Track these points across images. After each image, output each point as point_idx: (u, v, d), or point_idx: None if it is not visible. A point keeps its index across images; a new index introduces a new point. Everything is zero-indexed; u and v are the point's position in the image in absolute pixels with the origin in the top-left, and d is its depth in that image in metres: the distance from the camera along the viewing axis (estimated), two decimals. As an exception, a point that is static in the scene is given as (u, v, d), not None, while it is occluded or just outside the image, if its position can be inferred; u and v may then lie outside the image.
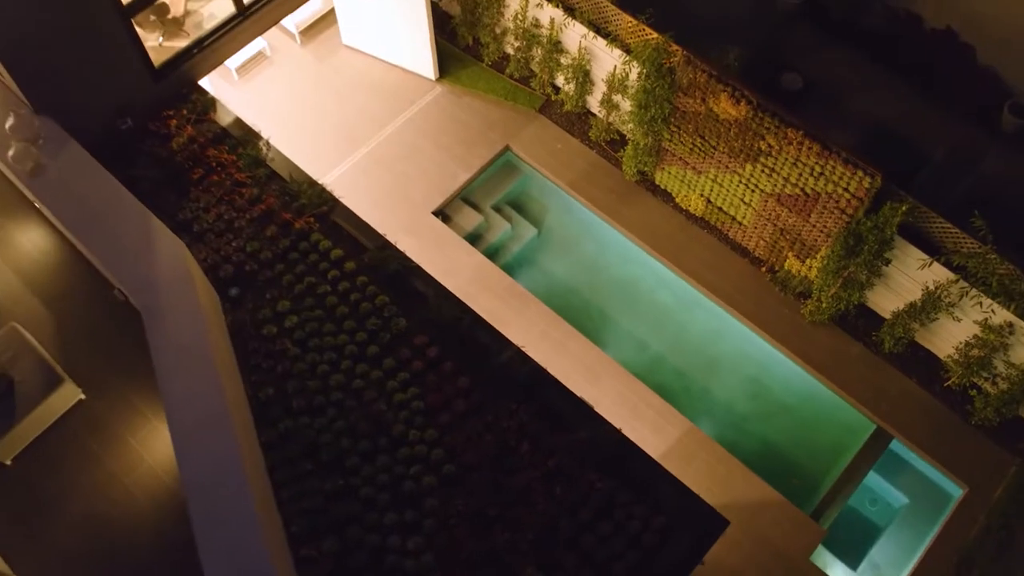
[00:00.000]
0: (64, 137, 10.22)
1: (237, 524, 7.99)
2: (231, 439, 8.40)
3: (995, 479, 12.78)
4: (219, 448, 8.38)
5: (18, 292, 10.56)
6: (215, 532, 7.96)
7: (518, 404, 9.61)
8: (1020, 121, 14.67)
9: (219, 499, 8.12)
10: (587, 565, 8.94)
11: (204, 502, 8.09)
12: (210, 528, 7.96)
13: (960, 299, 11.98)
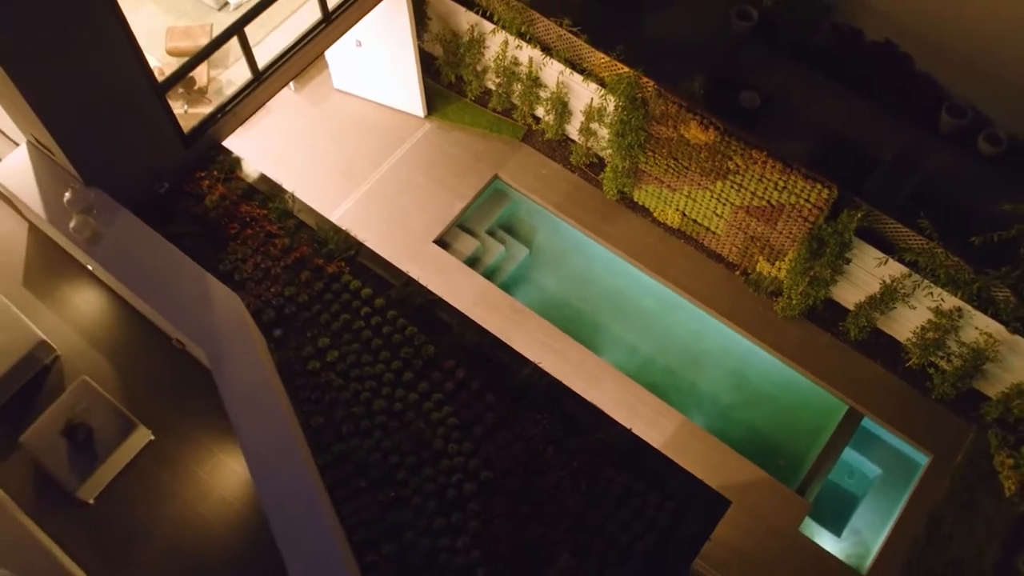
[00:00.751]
0: (114, 205, 11.49)
1: (315, 536, 9.38)
2: (300, 462, 9.79)
3: (956, 446, 14.51)
4: (291, 471, 9.76)
5: (81, 348, 11.80)
6: (297, 545, 9.34)
7: (540, 414, 11.07)
8: (957, 121, 16.42)
9: (297, 515, 9.51)
10: (612, 548, 10.43)
11: (284, 519, 9.47)
12: (293, 542, 9.33)
13: (914, 290, 13.67)
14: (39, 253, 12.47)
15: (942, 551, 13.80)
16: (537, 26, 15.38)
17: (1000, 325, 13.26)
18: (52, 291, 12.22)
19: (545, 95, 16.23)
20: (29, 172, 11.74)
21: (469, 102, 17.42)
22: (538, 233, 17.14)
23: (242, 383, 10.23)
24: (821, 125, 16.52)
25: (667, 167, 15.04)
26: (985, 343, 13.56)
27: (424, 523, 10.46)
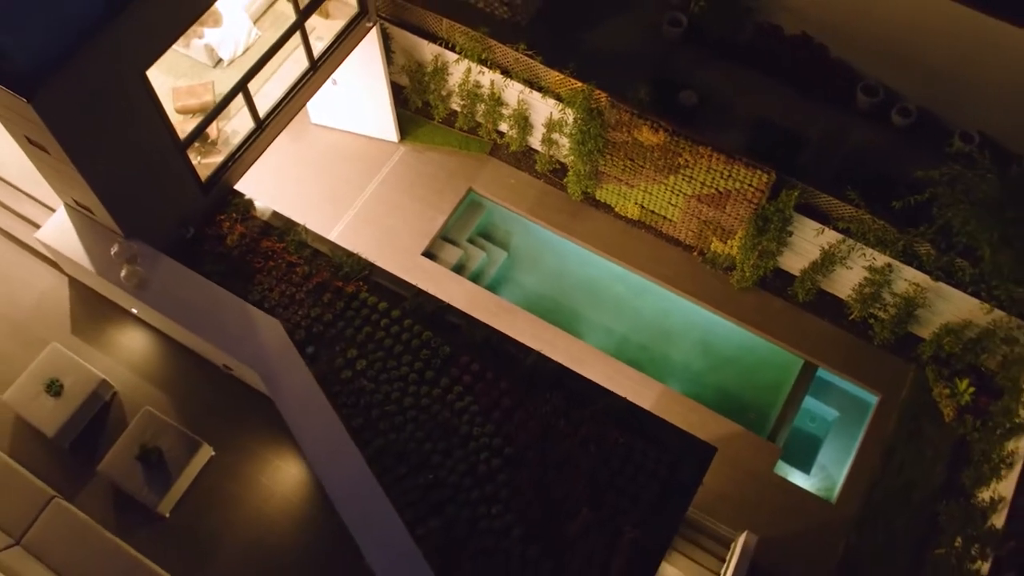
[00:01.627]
0: (154, 253, 13.10)
1: (377, 515, 11.21)
2: (354, 455, 11.58)
3: (900, 384, 16.81)
4: (348, 464, 11.57)
5: (136, 383, 13.40)
6: (364, 525, 11.14)
7: (548, 393, 12.99)
8: (871, 99, 18.70)
9: (359, 500, 11.31)
10: (623, 498, 12.40)
11: (349, 504, 11.27)
12: (360, 522, 11.14)
13: (849, 253, 15.90)
14: (82, 303, 14.04)
15: (897, 476, 16.08)
16: (495, 52, 17.27)
17: (925, 275, 15.54)
18: (99, 336, 13.79)
19: (507, 112, 18.12)
20: (71, 231, 13.27)
21: (437, 124, 19.23)
22: (513, 237, 19.05)
23: (294, 394, 11.98)
24: (753, 115, 18.61)
25: (624, 167, 17.06)
26: (914, 292, 15.86)
27: (462, 497, 12.30)
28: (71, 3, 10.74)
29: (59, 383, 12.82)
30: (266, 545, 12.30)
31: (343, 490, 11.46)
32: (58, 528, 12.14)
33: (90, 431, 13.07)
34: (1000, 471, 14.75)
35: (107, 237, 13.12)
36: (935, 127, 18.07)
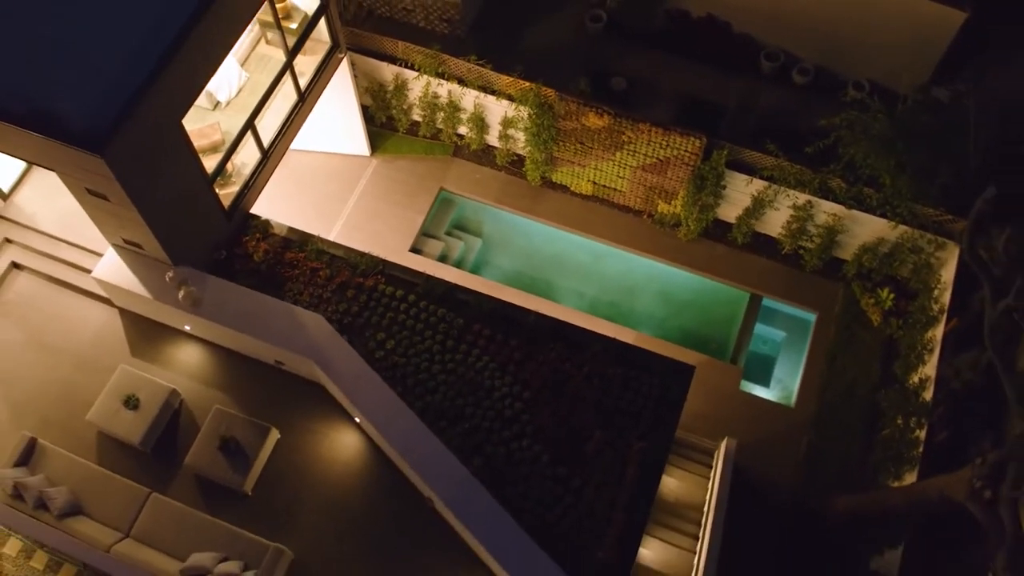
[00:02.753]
0: (200, 275, 15.34)
1: (438, 457, 13.71)
2: (409, 413, 14.06)
3: (832, 301, 19.92)
4: (405, 421, 14.04)
5: (198, 388, 15.62)
6: (429, 468, 13.64)
7: (551, 344, 15.63)
8: (773, 64, 21.76)
9: (421, 448, 13.80)
10: (626, 418, 15.10)
11: (414, 454, 13.76)
12: (426, 466, 13.63)
13: (775, 196, 18.90)
14: (135, 330, 16.19)
15: (840, 377, 19.16)
16: (450, 65, 19.81)
17: (840, 206, 18.60)
18: (157, 354, 15.96)
19: (465, 116, 20.66)
20: (123, 267, 15.42)
21: (402, 135, 21.69)
22: (485, 225, 21.65)
23: (348, 372, 14.41)
24: (675, 91, 21.48)
25: (576, 150, 19.79)
26: (833, 221, 18.95)
27: (495, 437, 14.85)
28: (112, 69, 12.92)
29: (135, 398, 14.98)
30: (337, 504, 14.69)
31: (404, 440, 13.94)
32: (159, 517, 14.33)
33: (167, 435, 15.25)
34: (924, 356, 17.95)
35: (157, 267, 15.30)
36: (831, 80, 21.22)
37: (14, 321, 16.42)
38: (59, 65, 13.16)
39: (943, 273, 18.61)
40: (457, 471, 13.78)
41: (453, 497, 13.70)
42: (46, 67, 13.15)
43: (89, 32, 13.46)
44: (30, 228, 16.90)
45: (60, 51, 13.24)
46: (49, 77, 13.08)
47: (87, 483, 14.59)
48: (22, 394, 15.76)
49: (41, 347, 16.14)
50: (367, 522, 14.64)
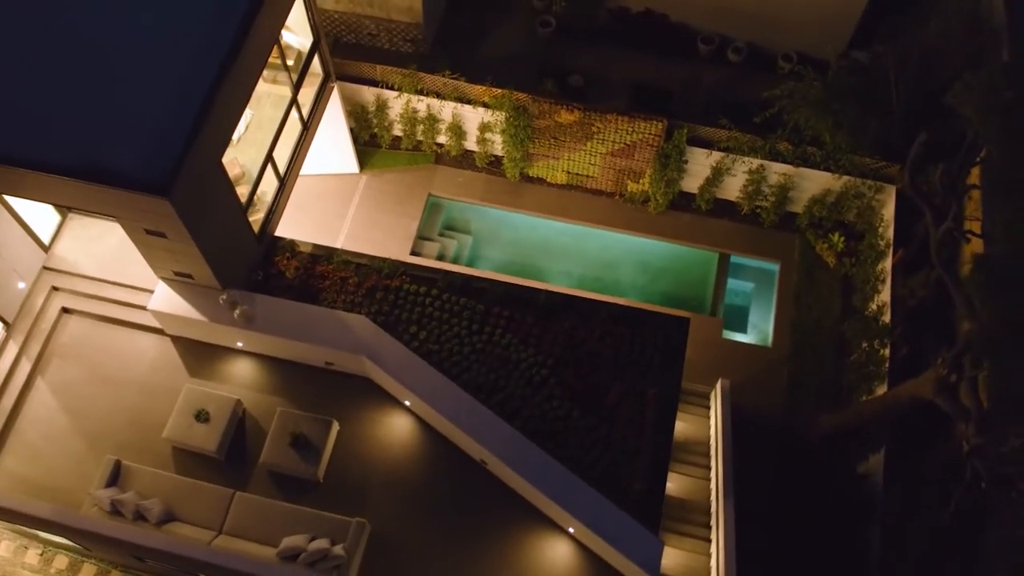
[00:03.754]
0: (248, 295, 17.21)
1: (485, 420, 15.86)
2: (458, 390, 16.19)
3: (791, 251, 22.57)
4: (454, 394, 16.16)
5: (256, 396, 17.49)
6: (482, 432, 15.78)
7: (564, 315, 17.87)
8: (709, 47, 24.37)
9: (470, 415, 15.92)
10: (638, 370, 17.42)
11: (465, 420, 15.88)
12: (476, 429, 15.77)
13: (732, 165, 21.45)
14: (189, 354, 17.96)
15: (807, 315, 21.81)
16: (426, 81, 21.91)
17: (788, 166, 21.24)
18: (213, 372, 17.78)
19: (443, 126, 22.78)
20: (175, 297, 17.20)
21: (386, 150, 23.72)
22: (473, 222, 23.82)
23: (396, 361, 16.46)
24: (627, 81, 24.01)
25: (550, 145, 22.08)
26: (784, 180, 21.58)
27: (529, 402, 17.03)
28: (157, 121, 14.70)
29: (205, 412, 16.81)
30: (399, 478, 16.73)
31: (455, 412, 16.05)
32: (247, 512, 16.18)
33: (236, 440, 17.09)
34: (877, 286, 20.69)
35: (208, 293, 17.12)
36: (762, 55, 23.93)
37: (73, 361, 18.04)
38: (112, 123, 14.91)
39: (884, 212, 21.40)
40: (505, 431, 15.96)
41: (506, 454, 15.86)
42: (101, 126, 14.88)
43: (130, 90, 15.22)
44: (74, 274, 18.49)
45: (110, 110, 14.98)
46: (106, 135, 14.80)
47: (175, 492, 16.35)
48: (94, 424, 17.41)
49: (104, 380, 17.80)
50: (428, 490, 16.70)
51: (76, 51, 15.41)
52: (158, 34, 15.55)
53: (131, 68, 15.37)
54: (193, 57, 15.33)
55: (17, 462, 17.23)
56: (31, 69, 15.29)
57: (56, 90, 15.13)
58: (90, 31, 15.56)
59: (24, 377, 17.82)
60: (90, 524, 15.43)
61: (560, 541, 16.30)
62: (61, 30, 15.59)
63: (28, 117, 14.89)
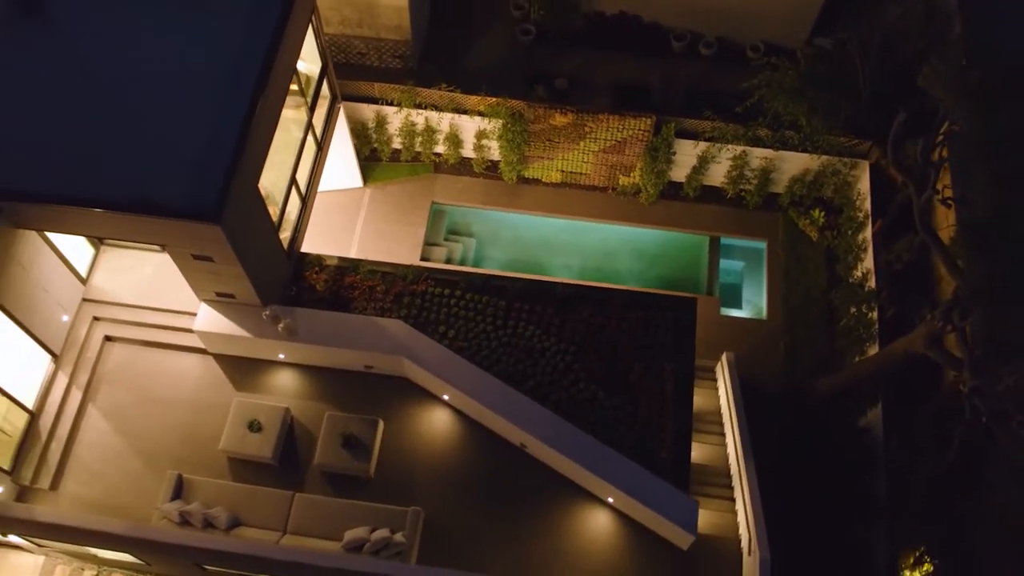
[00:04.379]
0: (288, 309, 18.43)
1: (523, 406, 17.28)
2: (494, 380, 17.59)
3: (776, 229, 24.29)
4: (491, 385, 17.55)
5: (302, 404, 18.72)
6: (518, 415, 17.19)
7: (580, 305, 19.32)
8: (682, 43, 25.99)
9: (508, 402, 17.32)
10: (655, 349, 18.94)
11: (504, 407, 17.29)
12: (516, 414, 17.18)
13: (718, 152, 23.09)
14: (233, 370, 19.15)
15: (796, 288, 23.53)
16: (423, 95, 23.24)
17: (769, 150, 22.92)
18: (258, 385, 19.00)
19: (441, 137, 24.12)
20: (219, 316, 18.37)
21: (387, 163, 25.00)
22: (475, 225, 25.21)
23: (435, 358, 17.82)
24: (608, 81, 25.51)
25: (545, 147, 23.54)
26: (766, 163, 23.27)
27: (557, 387, 18.46)
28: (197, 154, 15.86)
29: (258, 422, 18.01)
30: (445, 468, 18.09)
31: (495, 399, 17.45)
32: (308, 511, 17.42)
33: (288, 446, 18.31)
34: (860, 255, 22.47)
35: (249, 310, 18.31)
36: (732, 48, 25.61)
37: (121, 386, 19.11)
38: (158, 158, 16.04)
39: (860, 186, 23.19)
40: (542, 414, 17.40)
41: (545, 434, 17.29)
42: (148, 161, 16.01)
43: (171, 126, 16.37)
44: (113, 304, 19.54)
45: (154, 146, 16.12)
46: (153, 169, 15.93)
47: (236, 500, 17.53)
48: (149, 443, 18.51)
49: (153, 402, 18.90)
50: (473, 476, 18.07)
51: (117, 94, 16.55)
52: (190, 72, 16.73)
53: (169, 105, 16.52)
54: (225, 91, 16.53)
55: (79, 486, 18.28)
56: (80, 114, 16.41)
57: (104, 132, 16.24)
58: (127, 74, 16.71)
59: (76, 405, 18.85)
60: (166, 536, 16.56)
61: (600, 512, 17.78)
62: (102, 74, 16.73)
63: (82, 159, 16.00)
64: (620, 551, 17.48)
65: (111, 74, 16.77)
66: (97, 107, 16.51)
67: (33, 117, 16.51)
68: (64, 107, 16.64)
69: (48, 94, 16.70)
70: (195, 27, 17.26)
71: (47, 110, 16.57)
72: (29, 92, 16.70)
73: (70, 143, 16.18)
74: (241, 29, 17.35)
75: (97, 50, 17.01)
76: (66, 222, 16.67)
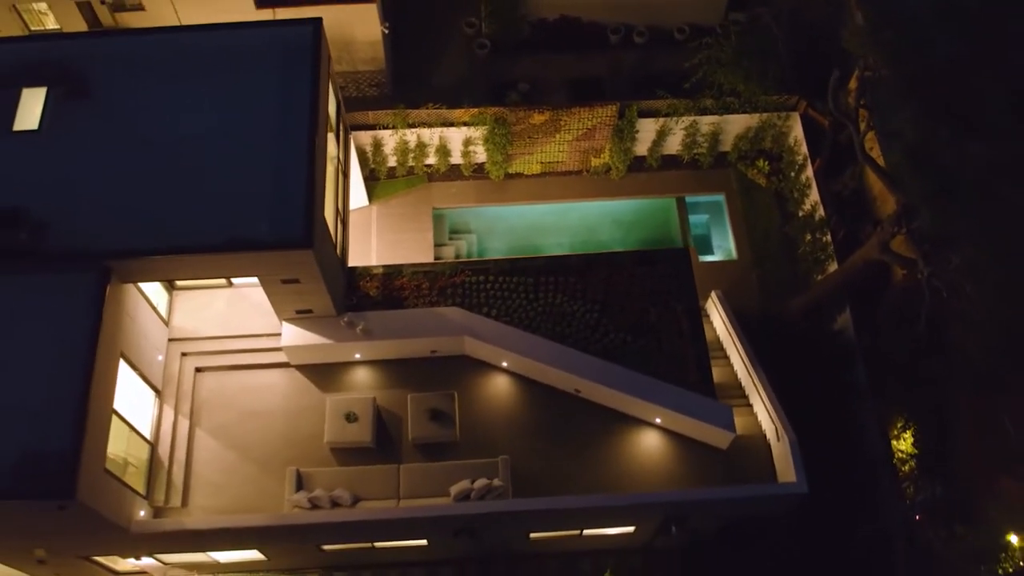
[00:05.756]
0: (360, 315, 21.92)
1: (574, 358, 21.24)
2: (544, 341, 21.48)
3: (729, 182, 28.85)
4: (545, 347, 21.43)
5: (382, 392, 22.23)
6: (572, 364, 21.14)
7: (596, 270, 23.34)
8: (617, 36, 30.27)
9: (561, 356, 21.26)
10: (663, 295, 23.10)
11: (560, 359, 21.22)
12: (570, 363, 21.13)
13: (674, 124, 27.44)
14: (314, 375, 22.54)
15: (756, 228, 28.12)
16: (413, 116, 26.91)
17: (715, 116, 27.39)
18: (340, 384, 22.43)
19: (431, 149, 27.81)
20: (301, 331, 21.74)
21: (385, 180, 28.55)
22: (472, 221, 29.05)
23: (493, 331, 21.61)
24: (563, 79, 29.60)
25: (525, 144, 27.49)
26: (714, 128, 27.75)
27: (592, 339, 22.42)
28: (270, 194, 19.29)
29: (353, 413, 21.47)
30: (517, 421, 21.90)
31: (550, 355, 21.34)
32: (414, 478, 20.99)
33: (380, 429, 21.81)
34: (805, 192, 27.15)
35: (325, 321, 21.73)
36: (661, 33, 30.04)
37: (219, 408, 22.26)
38: (236, 204, 19.38)
39: (794, 134, 27.90)
40: (591, 361, 21.38)
41: (598, 375, 21.26)
42: (230, 209, 19.34)
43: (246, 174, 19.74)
44: (195, 339, 22.66)
45: (229, 195, 19.46)
46: (238, 214, 19.27)
47: (351, 480, 20.96)
48: (259, 451, 21.75)
49: (252, 416, 22.13)
50: (541, 423, 21.91)
51: (180, 156, 20.04)
52: (240, 126, 20.27)
53: (231, 157, 20.00)
54: (279, 137, 20.05)
55: (206, 499, 21.41)
56: (156, 177, 19.82)
57: (183, 189, 19.67)
58: (182, 138, 20.24)
59: (186, 431, 21.95)
60: (306, 519, 19.95)
61: (651, 433, 21.86)
62: (161, 141, 20.19)
63: (173, 215, 19.30)
64: (673, 460, 21.59)
65: (167, 140, 20.24)
66: (168, 169, 19.90)
67: (118, 186, 19.75)
68: (141, 174, 19.92)
69: (123, 165, 19.96)
70: (232, 89, 20.73)
71: (127, 179, 19.83)
72: (106, 166, 19.94)
73: (160, 203, 19.48)
74: (276, 83, 20.87)
75: (149, 121, 20.45)
76: (171, 270, 19.86)
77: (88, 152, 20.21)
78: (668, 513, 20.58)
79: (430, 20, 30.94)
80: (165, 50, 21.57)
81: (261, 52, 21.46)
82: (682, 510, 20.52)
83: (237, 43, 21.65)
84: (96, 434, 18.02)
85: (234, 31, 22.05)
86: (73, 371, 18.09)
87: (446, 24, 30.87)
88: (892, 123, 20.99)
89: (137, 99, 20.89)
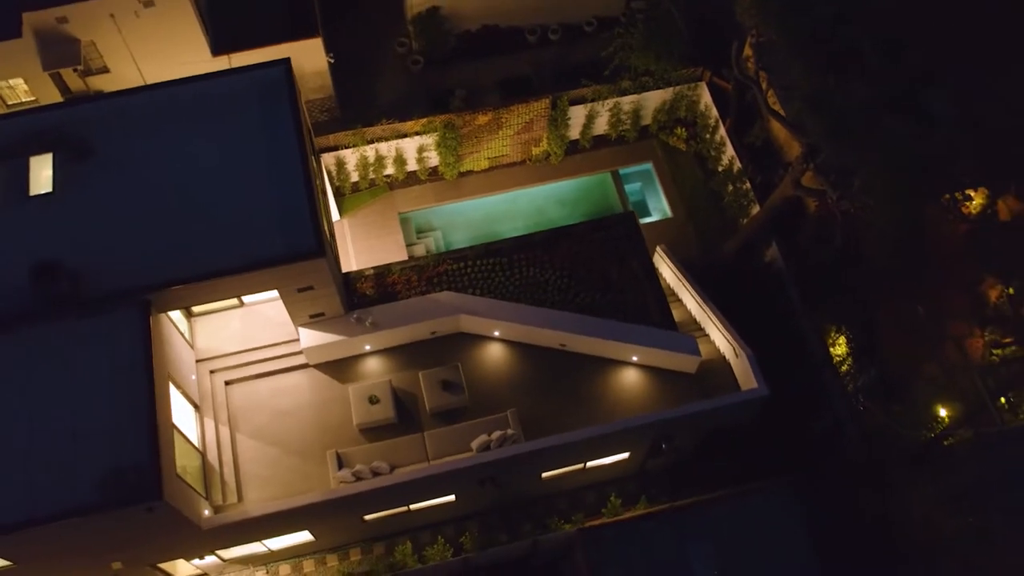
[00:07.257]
0: (366, 310, 25.45)
1: (559, 319, 25.21)
2: (529, 307, 25.37)
3: (653, 151, 33.23)
4: (530, 312, 25.32)
5: (394, 375, 25.82)
6: (560, 322, 25.09)
7: (560, 244, 27.33)
8: (534, 36, 34.31)
9: (550, 318, 25.18)
10: (618, 254, 27.21)
11: (549, 320, 25.14)
12: (558, 322, 25.08)
13: (600, 108, 31.61)
14: (333, 371, 26.00)
15: (683, 188, 32.53)
16: (370, 133, 30.48)
17: (634, 95, 31.66)
18: (356, 375, 25.94)
19: (389, 161, 31.42)
20: (317, 333, 25.17)
21: (350, 195, 32.05)
22: (434, 219, 32.80)
23: (484, 306, 25.40)
24: (496, 80, 33.50)
25: (473, 144, 31.33)
26: (634, 105, 32.04)
27: (567, 301, 26.35)
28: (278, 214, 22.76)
29: (375, 396, 25.00)
30: (516, 379, 25.71)
31: (536, 318, 25.20)
32: (438, 441, 24.64)
33: (399, 406, 25.37)
34: (722, 149, 31.67)
35: (335, 320, 25.20)
36: (571, 28, 34.22)
37: (253, 413, 25.53)
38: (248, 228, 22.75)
39: (704, 101, 32.40)
40: (572, 317, 25.35)
41: (578, 327, 25.22)
42: (243, 234, 22.69)
43: (242, 203, 23.12)
44: (219, 356, 25.86)
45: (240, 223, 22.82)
46: (252, 237, 22.64)
47: (384, 453, 24.49)
48: (297, 443, 25.10)
49: (283, 415, 25.46)
50: (536, 377, 25.77)
51: (188, 193, 23.37)
52: (234, 160, 23.67)
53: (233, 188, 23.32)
54: (273, 165, 23.45)
55: (258, 491, 24.68)
56: (171, 215, 23.07)
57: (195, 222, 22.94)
58: (185, 177, 23.58)
59: (228, 438, 25.16)
60: (357, 488, 23.40)
61: (630, 370, 25.94)
62: (170, 183, 23.52)
63: (204, 244, 22.63)
64: (654, 390, 25.71)
65: (174, 181, 23.57)
66: (181, 207, 23.24)
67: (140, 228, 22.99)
68: (158, 214, 23.17)
69: (139, 209, 23.21)
70: (222, 128, 24.11)
71: (146, 221, 23.09)
72: (124, 213, 23.17)
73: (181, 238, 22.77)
74: (259, 118, 24.29)
75: (154, 168, 23.74)
76: (203, 294, 23.09)
77: (103, 203, 23.34)
78: (657, 433, 24.69)
79: (364, 44, 34.48)
80: (153, 104, 24.78)
81: (239, 94, 24.83)
82: (668, 428, 24.65)
83: (217, 90, 24.98)
84: (165, 445, 21.19)
85: (211, 80, 25.33)
86: (138, 394, 21.26)
87: (379, 46, 34.45)
88: (787, 79, 25.45)
89: (138, 150, 24.08)
